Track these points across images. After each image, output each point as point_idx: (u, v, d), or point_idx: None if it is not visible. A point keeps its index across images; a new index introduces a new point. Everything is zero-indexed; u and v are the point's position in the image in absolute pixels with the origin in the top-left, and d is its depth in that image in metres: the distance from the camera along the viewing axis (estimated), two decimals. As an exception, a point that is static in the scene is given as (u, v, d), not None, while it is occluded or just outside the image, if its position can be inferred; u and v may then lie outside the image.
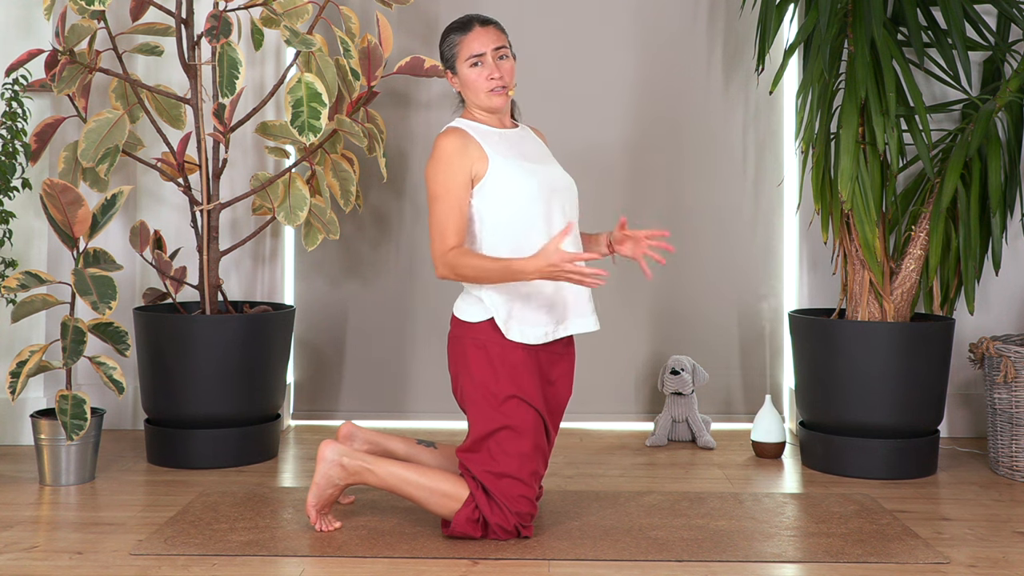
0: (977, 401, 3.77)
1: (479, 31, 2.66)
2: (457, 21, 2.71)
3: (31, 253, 3.53)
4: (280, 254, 3.91)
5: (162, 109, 3.49)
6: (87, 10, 3.02)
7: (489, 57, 2.65)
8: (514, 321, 2.59)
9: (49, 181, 3.05)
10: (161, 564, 2.41)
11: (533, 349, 2.62)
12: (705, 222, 3.93)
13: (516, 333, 2.59)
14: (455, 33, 2.69)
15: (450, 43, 2.69)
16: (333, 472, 2.59)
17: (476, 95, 2.67)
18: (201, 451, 3.26)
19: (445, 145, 2.61)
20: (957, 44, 3.19)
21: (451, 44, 2.69)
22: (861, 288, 3.30)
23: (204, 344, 3.24)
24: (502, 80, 2.65)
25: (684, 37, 3.92)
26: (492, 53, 2.65)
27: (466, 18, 2.70)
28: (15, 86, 3.21)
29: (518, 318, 2.59)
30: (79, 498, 2.96)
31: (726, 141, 3.93)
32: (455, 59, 2.68)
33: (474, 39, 2.65)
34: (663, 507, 2.86)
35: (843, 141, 3.20)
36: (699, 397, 3.86)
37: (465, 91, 2.70)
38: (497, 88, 2.65)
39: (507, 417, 2.56)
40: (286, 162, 3.75)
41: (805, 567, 2.44)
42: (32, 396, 3.55)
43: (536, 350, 2.63)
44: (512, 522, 2.54)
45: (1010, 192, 3.35)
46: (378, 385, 3.96)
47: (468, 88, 2.68)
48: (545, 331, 2.62)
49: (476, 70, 2.65)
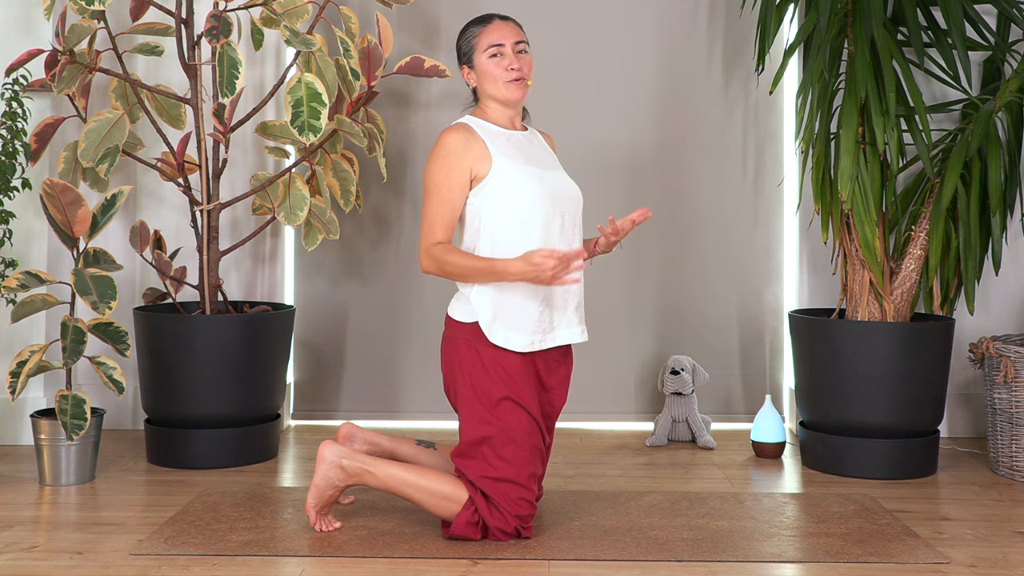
0: (977, 401, 3.77)
1: (499, 23, 2.67)
2: (476, 17, 2.72)
3: (31, 253, 3.53)
4: (280, 254, 3.91)
5: (162, 109, 3.49)
6: (87, 10, 3.02)
7: (509, 48, 2.64)
8: (499, 325, 2.57)
9: (49, 181, 3.05)
10: (161, 564, 2.41)
11: (529, 354, 2.61)
12: (705, 222, 3.93)
13: (501, 338, 2.56)
14: (475, 26, 2.69)
15: (469, 35, 2.68)
16: (333, 473, 2.58)
17: (495, 85, 2.64)
18: (201, 451, 3.26)
19: (448, 140, 2.60)
20: (957, 44, 3.19)
21: (470, 36, 2.68)
22: (861, 288, 3.30)
23: (204, 344, 3.24)
24: (521, 71, 2.63)
25: (684, 37, 3.92)
26: (512, 46, 2.65)
27: (486, 14, 2.72)
28: (15, 86, 3.21)
29: (504, 323, 2.57)
30: (79, 498, 2.96)
31: (726, 141, 3.93)
32: (473, 51, 2.67)
33: (494, 30, 2.66)
34: (663, 507, 2.86)
35: (843, 141, 3.20)
36: (699, 397, 3.86)
37: (482, 83, 2.67)
38: (517, 79, 2.63)
39: (500, 420, 2.55)
40: (286, 162, 3.75)
41: (805, 567, 2.44)
42: (32, 396, 3.55)
43: (532, 355, 2.62)
44: (512, 524, 2.54)
45: (1010, 192, 3.35)
46: (378, 385, 3.96)
47: (486, 79, 2.65)
48: (531, 340, 2.59)
49: (495, 60, 2.64)
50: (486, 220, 2.60)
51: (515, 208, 2.58)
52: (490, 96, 2.67)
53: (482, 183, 2.59)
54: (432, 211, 2.59)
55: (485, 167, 2.59)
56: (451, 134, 2.61)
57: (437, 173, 2.59)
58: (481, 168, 2.59)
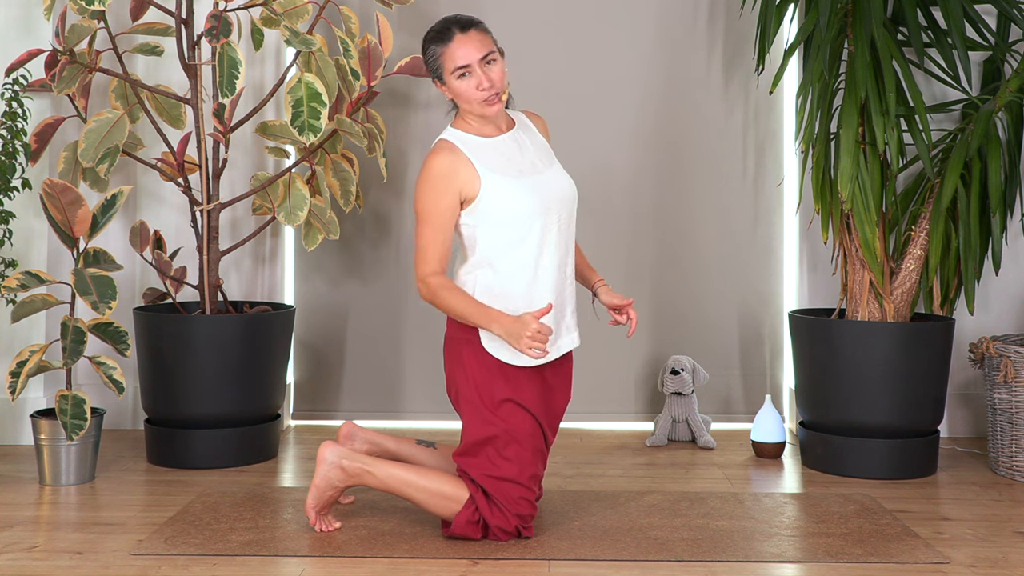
0: (977, 401, 3.76)
1: (460, 39, 2.53)
2: (434, 30, 2.58)
3: (31, 253, 3.53)
4: (280, 254, 3.91)
5: (162, 109, 3.49)
6: (87, 10, 3.02)
7: (476, 66, 2.53)
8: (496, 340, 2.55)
9: (49, 181, 3.05)
10: (161, 564, 2.41)
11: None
12: (705, 222, 3.93)
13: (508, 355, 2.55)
14: (435, 44, 2.56)
15: (432, 55, 2.57)
16: (333, 474, 2.58)
17: (471, 107, 2.57)
18: (201, 451, 3.26)
19: (434, 166, 2.54)
20: (957, 44, 3.19)
21: (434, 56, 2.57)
22: (861, 288, 3.30)
23: (204, 344, 3.24)
24: (493, 88, 2.54)
25: (684, 37, 3.92)
26: (479, 63, 2.53)
27: (443, 25, 2.57)
28: (15, 86, 3.21)
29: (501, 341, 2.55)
30: (79, 498, 2.96)
31: (726, 141, 3.93)
32: (441, 71, 2.57)
33: (457, 49, 2.53)
34: (663, 507, 2.86)
35: (843, 141, 3.20)
36: (699, 397, 3.85)
37: (458, 100, 2.60)
38: (490, 97, 2.55)
39: (504, 421, 2.55)
40: (286, 162, 3.75)
41: (805, 567, 2.44)
42: (32, 396, 3.55)
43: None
44: (513, 524, 2.54)
45: (1010, 192, 3.35)
46: (378, 385, 3.95)
47: (460, 99, 2.58)
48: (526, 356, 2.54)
49: (465, 81, 2.54)
50: (481, 239, 2.57)
51: (509, 222, 2.55)
52: (468, 112, 2.61)
53: (473, 204, 2.55)
54: (426, 240, 2.55)
55: (475, 188, 2.54)
56: (436, 158, 2.55)
57: (426, 199, 2.55)
58: (470, 190, 2.54)
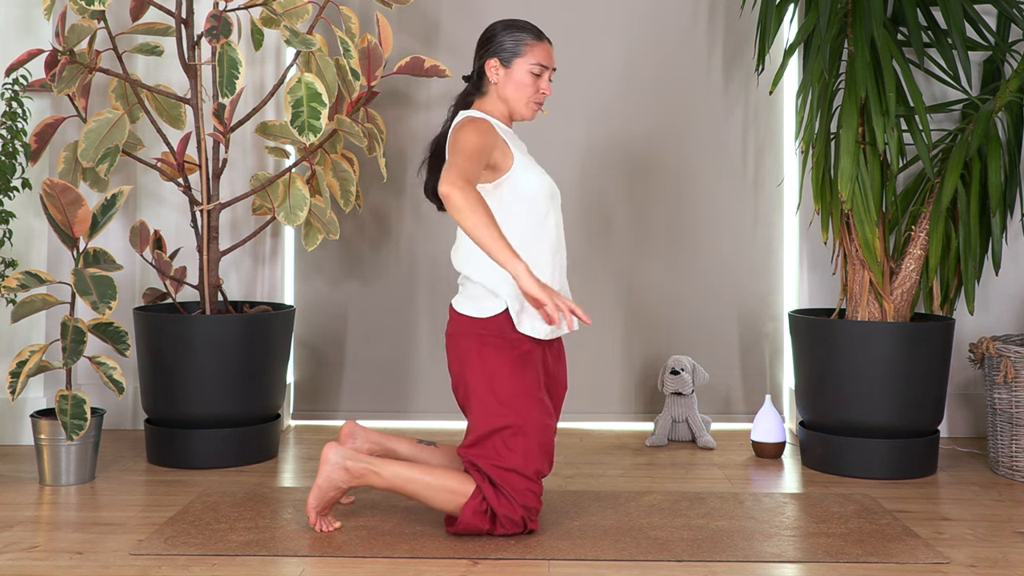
0: (977, 401, 3.77)
1: (548, 46, 2.69)
2: (526, 23, 2.70)
3: (31, 253, 3.53)
4: (280, 254, 3.91)
5: (162, 109, 3.49)
6: (87, 10, 3.02)
7: (549, 74, 2.69)
8: (526, 315, 2.59)
9: (49, 181, 3.05)
10: (161, 564, 2.41)
11: (539, 345, 2.64)
12: (705, 222, 3.93)
13: (528, 327, 2.59)
14: (526, 33, 2.67)
15: (518, 39, 2.66)
16: (336, 475, 2.58)
17: (518, 99, 2.67)
18: (201, 451, 3.26)
19: (481, 123, 2.56)
20: (957, 44, 3.19)
21: (519, 40, 2.66)
22: (861, 288, 3.30)
23: (204, 344, 3.24)
24: (546, 97, 2.70)
25: (684, 37, 3.92)
26: (551, 72, 2.70)
27: (537, 28, 2.70)
28: (15, 86, 3.21)
29: (529, 312, 2.59)
30: (79, 498, 2.96)
31: (726, 141, 3.93)
32: (517, 56, 2.65)
33: (544, 50, 2.67)
34: (663, 507, 2.86)
35: (843, 141, 3.20)
36: (699, 397, 3.86)
37: (507, 88, 2.67)
38: (541, 103, 2.70)
39: (515, 414, 2.56)
40: (286, 162, 3.75)
41: (805, 567, 2.44)
42: (32, 396, 3.55)
43: (542, 346, 2.65)
44: (519, 513, 2.55)
45: (1010, 192, 3.35)
46: (378, 385, 3.96)
47: (516, 89, 2.67)
48: (551, 328, 2.63)
49: (534, 79, 2.67)
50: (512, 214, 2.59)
51: (528, 202, 2.61)
52: (505, 101, 2.69)
53: (504, 177, 2.60)
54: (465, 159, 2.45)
55: (507, 162, 2.60)
56: (483, 121, 2.58)
57: (472, 137, 2.51)
58: (503, 161, 2.60)
